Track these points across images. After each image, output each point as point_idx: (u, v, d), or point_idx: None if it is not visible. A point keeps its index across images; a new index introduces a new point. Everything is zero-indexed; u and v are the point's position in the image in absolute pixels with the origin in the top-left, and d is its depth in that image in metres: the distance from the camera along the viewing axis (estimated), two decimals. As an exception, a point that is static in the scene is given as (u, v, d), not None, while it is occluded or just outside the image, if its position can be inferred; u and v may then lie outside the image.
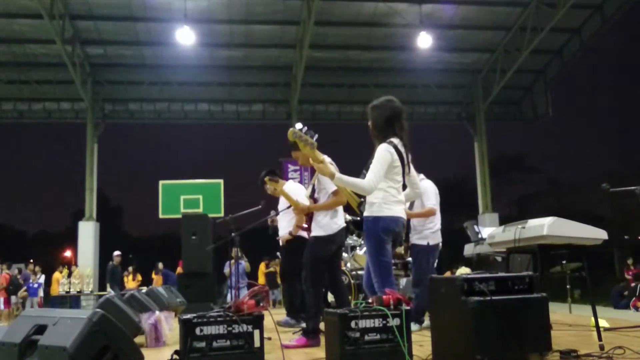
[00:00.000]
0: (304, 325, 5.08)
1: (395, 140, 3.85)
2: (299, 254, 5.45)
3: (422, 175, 5.75)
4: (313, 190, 4.89)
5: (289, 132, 3.61)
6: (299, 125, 3.61)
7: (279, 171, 6.16)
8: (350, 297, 6.86)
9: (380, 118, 3.93)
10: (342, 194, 4.64)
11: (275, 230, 6.35)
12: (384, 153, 3.76)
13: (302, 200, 5.07)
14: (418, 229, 5.65)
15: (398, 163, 3.82)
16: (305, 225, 4.94)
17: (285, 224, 6.13)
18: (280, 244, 6.27)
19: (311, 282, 4.67)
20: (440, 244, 5.76)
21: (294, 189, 5.80)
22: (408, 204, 5.32)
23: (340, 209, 4.87)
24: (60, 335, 2.84)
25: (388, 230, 3.81)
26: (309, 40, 15.68)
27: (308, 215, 4.88)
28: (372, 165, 3.73)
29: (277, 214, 5.97)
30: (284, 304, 6.80)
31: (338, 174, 3.63)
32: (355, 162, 4.31)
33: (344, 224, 4.88)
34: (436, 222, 5.64)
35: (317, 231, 4.76)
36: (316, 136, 3.61)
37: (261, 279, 15.62)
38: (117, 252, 15.07)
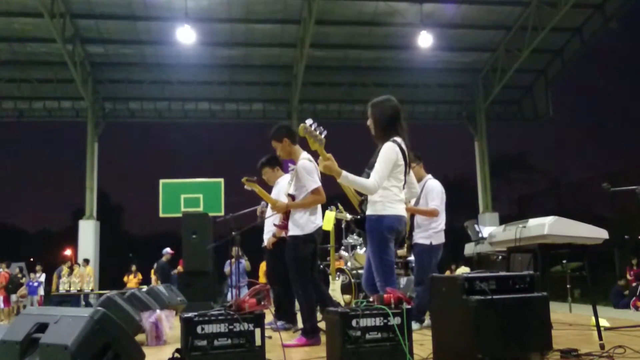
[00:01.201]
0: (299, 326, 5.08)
1: (399, 140, 3.85)
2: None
3: (429, 175, 5.77)
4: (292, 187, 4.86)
5: (300, 127, 3.60)
6: (309, 121, 3.60)
7: (279, 159, 6.03)
8: (350, 297, 6.88)
9: (383, 117, 3.93)
10: (322, 192, 4.63)
11: (264, 222, 6.25)
12: (390, 152, 3.76)
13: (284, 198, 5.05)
14: (423, 228, 5.64)
15: (402, 162, 3.82)
16: (282, 224, 4.91)
17: (270, 227, 6.06)
18: (265, 245, 6.17)
19: (299, 283, 4.66)
20: (443, 244, 5.77)
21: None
22: (413, 201, 5.34)
23: (319, 207, 4.85)
24: (61, 334, 2.84)
25: (392, 229, 3.81)
26: (310, 39, 15.67)
27: (286, 214, 4.86)
28: (377, 164, 3.72)
29: (267, 205, 5.93)
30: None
31: (344, 173, 3.63)
32: (355, 161, 4.31)
33: (321, 223, 4.85)
34: (440, 222, 5.64)
35: (294, 230, 4.72)
36: (325, 132, 3.62)
37: (262, 279, 15.59)
38: (168, 250, 15.08)
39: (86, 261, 16.64)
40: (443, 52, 17.76)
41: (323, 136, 3.61)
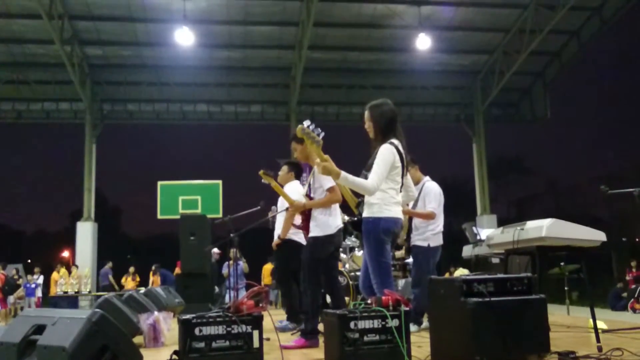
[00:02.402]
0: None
1: (396, 142, 3.85)
2: (290, 257, 5.47)
3: (427, 177, 5.77)
4: (309, 189, 4.87)
5: (298, 128, 3.61)
6: (307, 122, 3.61)
7: (300, 168, 6.05)
8: (348, 299, 6.88)
9: (382, 119, 3.93)
10: (338, 191, 4.63)
11: (274, 224, 6.31)
12: (388, 154, 3.75)
13: (300, 199, 5.07)
14: (420, 230, 5.64)
15: (399, 164, 3.82)
16: (299, 224, 4.92)
17: (279, 230, 6.11)
18: (274, 247, 6.23)
19: (309, 283, 4.66)
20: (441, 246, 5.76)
21: (297, 189, 5.78)
22: (411, 203, 5.34)
23: (338, 209, 4.85)
24: (59, 335, 2.83)
25: (388, 231, 3.80)
26: (308, 41, 15.69)
27: (305, 214, 4.86)
28: (375, 165, 3.72)
29: (278, 211, 5.95)
30: (283, 306, 6.78)
31: (343, 173, 3.62)
32: (354, 163, 4.31)
33: (342, 225, 4.86)
34: (438, 224, 5.63)
35: (315, 231, 4.72)
36: (322, 134, 3.62)
37: (267, 279, 15.54)
38: (216, 250, 15.04)
39: (62, 264, 16.62)
40: (441, 54, 17.79)
41: (320, 137, 3.62)
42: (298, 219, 5.05)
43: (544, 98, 20.04)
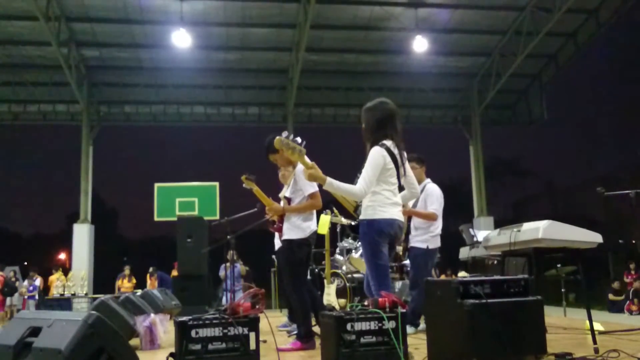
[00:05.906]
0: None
1: (388, 143, 3.83)
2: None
3: (428, 179, 5.78)
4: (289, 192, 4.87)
5: (275, 140, 3.57)
6: (284, 134, 3.57)
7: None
8: (345, 300, 6.88)
9: (372, 120, 3.92)
10: (319, 198, 4.63)
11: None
12: (376, 157, 3.74)
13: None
14: (420, 232, 5.65)
15: (391, 165, 3.80)
16: (277, 226, 4.91)
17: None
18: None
19: (293, 287, 4.64)
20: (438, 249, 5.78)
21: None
22: (411, 203, 5.34)
23: (314, 212, 4.84)
24: (55, 338, 2.82)
25: (382, 233, 3.79)
26: (305, 43, 15.69)
27: (280, 216, 4.85)
28: (364, 170, 3.70)
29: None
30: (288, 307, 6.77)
31: (329, 179, 3.60)
32: (351, 165, 4.31)
33: (316, 228, 4.85)
34: (438, 226, 5.66)
35: (289, 234, 4.72)
36: (304, 142, 3.59)
37: None
38: None
39: (58, 267, 16.58)
40: (438, 56, 17.81)
41: (303, 146, 3.58)
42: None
43: (540, 100, 20.06)
